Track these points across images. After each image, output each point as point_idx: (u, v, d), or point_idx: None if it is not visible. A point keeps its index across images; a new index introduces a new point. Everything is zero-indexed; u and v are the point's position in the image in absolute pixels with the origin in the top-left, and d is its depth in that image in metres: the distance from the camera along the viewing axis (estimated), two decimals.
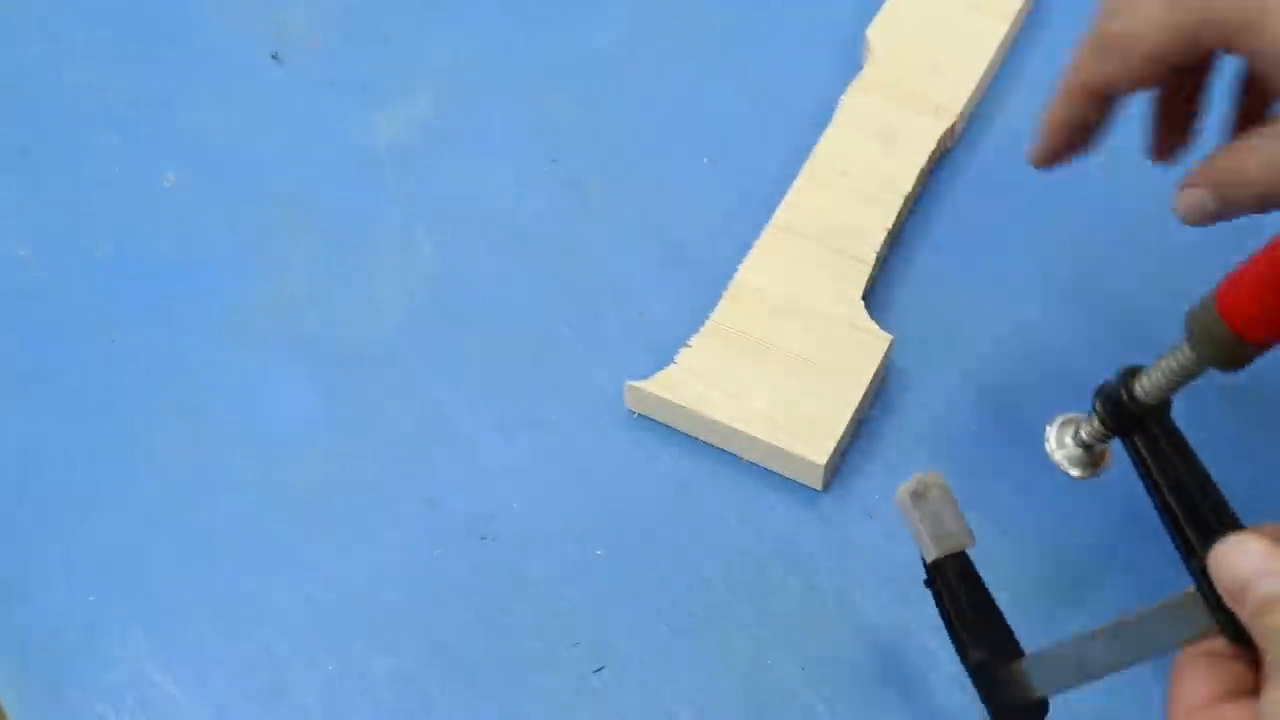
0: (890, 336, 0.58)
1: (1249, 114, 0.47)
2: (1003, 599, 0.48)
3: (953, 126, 0.65)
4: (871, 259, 0.60)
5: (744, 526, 0.56)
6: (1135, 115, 0.49)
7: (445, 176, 0.68)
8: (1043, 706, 0.46)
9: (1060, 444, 0.47)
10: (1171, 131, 0.49)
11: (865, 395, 0.56)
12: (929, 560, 0.48)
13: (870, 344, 0.57)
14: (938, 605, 0.49)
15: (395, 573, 0.55)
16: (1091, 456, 0.46)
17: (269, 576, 0.55)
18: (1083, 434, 0.46)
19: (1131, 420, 0.43)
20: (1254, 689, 0.36)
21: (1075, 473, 0.47)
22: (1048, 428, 0.47)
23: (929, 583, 0.49)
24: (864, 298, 0.59)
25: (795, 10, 0.63)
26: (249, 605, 0.55)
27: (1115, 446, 0.45)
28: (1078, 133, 0.48)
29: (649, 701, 0.51)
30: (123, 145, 0.70)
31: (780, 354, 0.57)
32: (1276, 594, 0.35)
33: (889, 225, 0.61)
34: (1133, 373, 0.43)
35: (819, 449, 0.55)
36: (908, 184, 0.62)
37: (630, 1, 0.75)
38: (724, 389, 0.57)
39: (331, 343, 0.62)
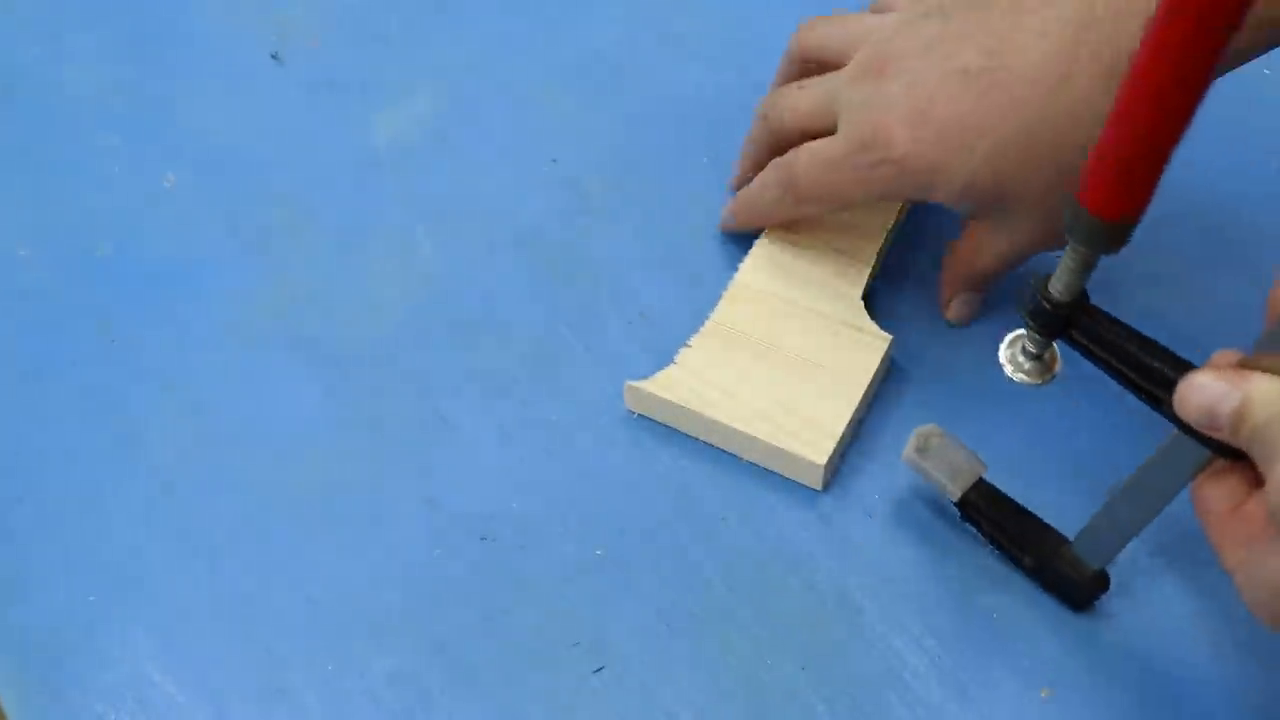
0: (890, 336, 0.58)
1: None
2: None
3: None
4: (872, 259, 0.60)
5: (744, 526, 0.56)
6: None
7: (445, 176, 0.68)
8: (1103, 577, 0.52)
9: (1013, 361, 0.50)
10: None
11: (865, 395, 0.56)
12: (955, 500, 0.53)
13: (870, 344, 0.57)
14: (980, 533, 0.54)
15: (395, 573, 0.55)
16: (1044, 363, 0.50)
17: (269, 576, 0.55)
18: (1029, 347, 0.49)
19: (1060, 321, 0.46)
20: (1261, 483, 0.42)
21: (1038, 381, 0.50)
22: (1000, 349, 0.50)
23: (964, 518, 0.53)
24: (864, 298, 0.59)
25: (795, 9, 0.63)
26: (249, 605, 0.55)
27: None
28: None
29: (649, 701, 0.51)
30: (123, 145, 0.70)
31: (780, 354, 0.57)
32: (1238, 408, 0.41)
33: (889, 225, 0.61)
34: (1044, 280, 0.46)
35: (819, 449, 0.55)
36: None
37: (630, 1, 0.75)
38: (724, 389, 0.57)
39: (331, 343, 0.62)
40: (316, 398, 0.60)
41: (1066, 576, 0.52)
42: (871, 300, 0.60)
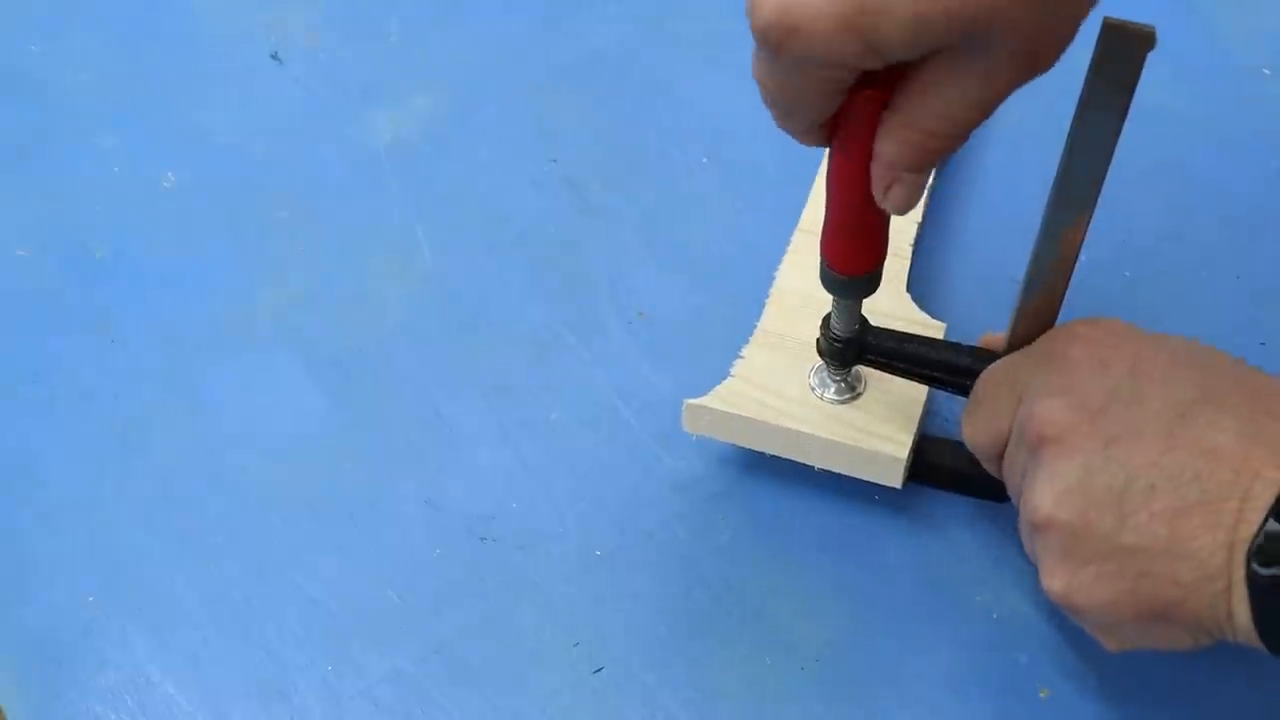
0: (943, 324, 0.56)
1: None
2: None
3: None
4: (908, 253, 0.59)
5: (743, 526, 0.56)
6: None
7: (445, 176, 0.68)
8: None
9: (822, 385, 0.54)
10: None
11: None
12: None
13: (927, 333, 0.56)
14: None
15: (395, 573, 0.55)
16: (848, 383, 0.54)
17: (269, 576, 0.55)
18: (831, 375, 0.54)
19: (850, 352, 0.52)
20: None
21: (846, 397, 0.54)
22: (808, 378, 0.55)
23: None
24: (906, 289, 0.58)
25: None
26: (249, 605, 0.55)
27: None
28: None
29: (649, 701, 0.51)
30: (123, 145, 0.70)
31: None
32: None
33: (918, 219, 0.61)
34: (826, 320, 0.52)
35: (898, 444, 0.53)
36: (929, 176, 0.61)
37: (630, 1, 0.75)
38: (786, 396, 0.55)
39: (331, 343, 0.62)
40: (316, 398, 0.60)
41: (983, 473, 0.52)
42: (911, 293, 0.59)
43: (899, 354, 0.52)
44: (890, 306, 0.57)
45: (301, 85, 0.73)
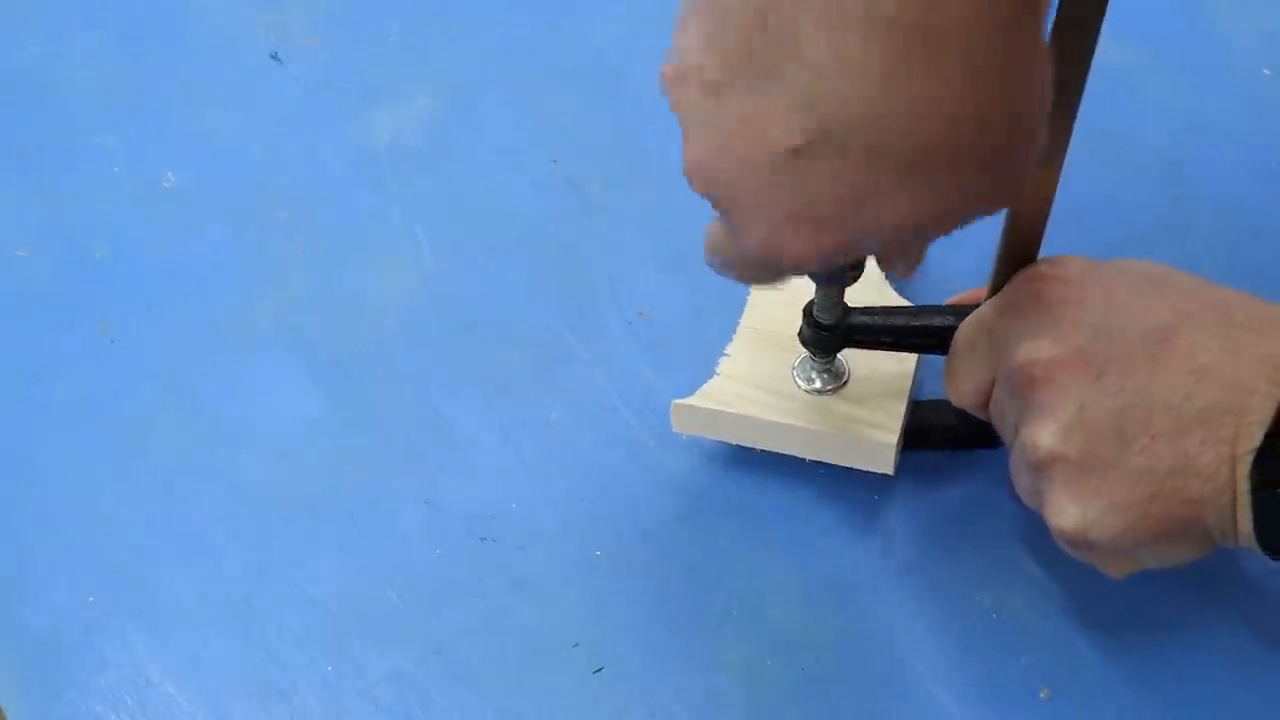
0: None
1: None
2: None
3: None
4: None
5: (743, 527, 0.56)
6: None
7: (445, 176, 0.68)
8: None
9: (807, 378, 0.54)
10: None
11: (915, 370, 0.55)
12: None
13: None
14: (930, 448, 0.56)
15: (395, 573, 0.55)
16: (834, 373, 0.54)
17: (269, 576, 0.55)
18: (816, 365, 0.54)
19: (836, 337, 0.52)
20: None
21: (831, 387, 0.54)
22: (793, 371, 0.55)
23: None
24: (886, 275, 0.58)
25: None
26: (249, 605, 0.55)
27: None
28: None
29: (649, 701, 0.51)
30: (123, 145, 0.70)
31: None
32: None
33: None
34: (808, 307, 0.52)
35: (886, 429, 0.53)
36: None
37: (630, 1, 0.75)
38: (773, 390, 0.55)
39: (331, 343, 0.62)
40: (316, 398, 0.60)
41: (977, 421, 0.52)
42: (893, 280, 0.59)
43: (883, 329, 0.53)
44: (867, 294, 0.57)
45: (301, 85, 0.73)
